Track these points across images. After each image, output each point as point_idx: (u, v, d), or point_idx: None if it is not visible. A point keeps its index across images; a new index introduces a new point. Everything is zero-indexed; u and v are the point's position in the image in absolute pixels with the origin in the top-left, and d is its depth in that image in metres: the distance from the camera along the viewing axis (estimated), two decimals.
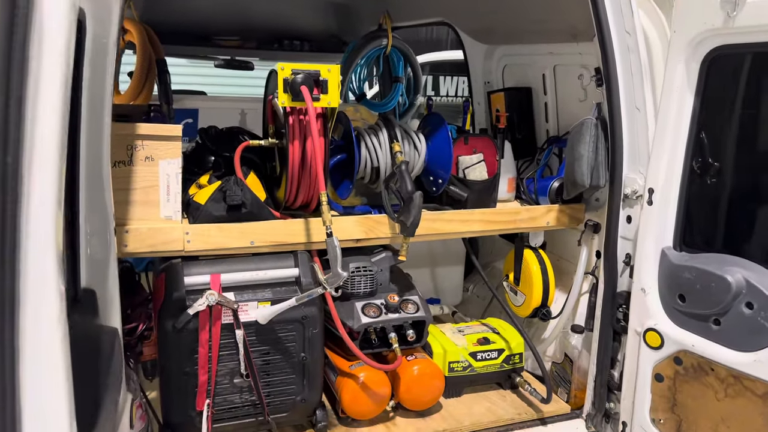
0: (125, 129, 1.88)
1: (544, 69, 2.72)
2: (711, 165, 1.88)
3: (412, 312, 2.22)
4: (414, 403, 2.25)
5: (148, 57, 3.07)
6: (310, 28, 4.41)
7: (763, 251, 1.81)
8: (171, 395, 1.96)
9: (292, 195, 2.08)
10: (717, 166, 1.87)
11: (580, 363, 2.38)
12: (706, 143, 1.88)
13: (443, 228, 2.28)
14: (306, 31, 4.43)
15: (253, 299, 1.98)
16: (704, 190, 1.93)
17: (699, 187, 1.93)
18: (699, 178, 1.93)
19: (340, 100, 3.52)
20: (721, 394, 1.83)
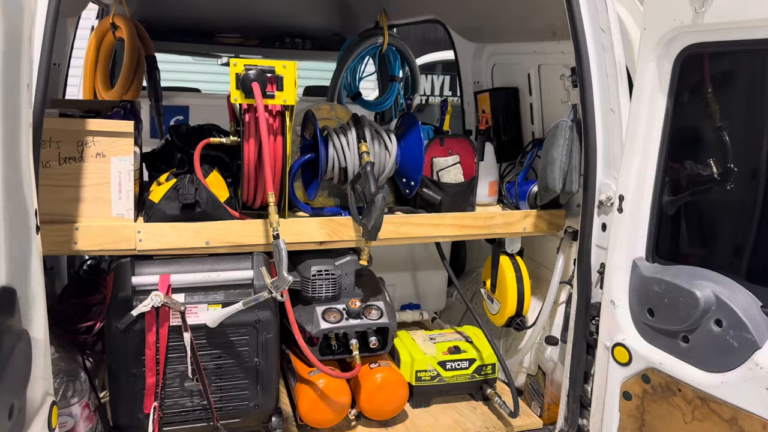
0: (75, 124, 1.86)
1: (529, 68, 2.61)
2: (684, 171, 1.77)
3: (374, 318, 2.15)
4: (376, 412, 2.18)
5: (136, 53, 3.06)
6: (311, 25, 4.37)
7: (737, 264, 1.69)
8: (119, 397, 1.92)
9: (251, 195, 2.03)
10: (690, 172, 1.75)
11: (554, 376, 2.28)
12: (679, 148, 1.76)
13: (412, 232, 2.21)
14: (308, 28, 4.40)
15: (203, 301, 1.93)
16: (677, 198, 1.82)
17: (672, 195, 1.82)
18: (672, 185, 1.81)
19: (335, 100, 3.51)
20: (688, 417, 1.71)
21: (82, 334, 2.12)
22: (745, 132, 1.75)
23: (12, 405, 1.17)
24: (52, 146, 1.84)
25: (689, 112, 1.80)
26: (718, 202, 1.80)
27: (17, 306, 1.37)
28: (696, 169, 1.80)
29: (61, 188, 1.85)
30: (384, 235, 2.10)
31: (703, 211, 1.86)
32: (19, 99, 1.32)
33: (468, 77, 3.11)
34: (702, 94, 1.76)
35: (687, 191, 1.85)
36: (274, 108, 1.93)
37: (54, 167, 1.84)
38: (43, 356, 1.45)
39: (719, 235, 1.82)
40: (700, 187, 1.80)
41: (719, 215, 1.83)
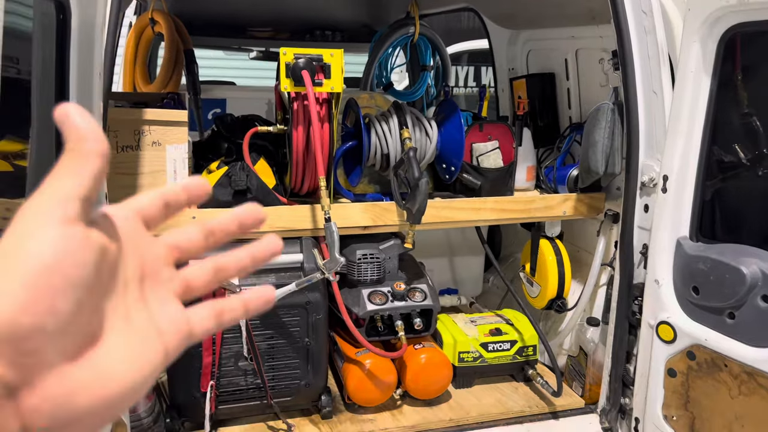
0: (132, 114, 1.93)
1: (566, 54, 2.63)
2: (728, 151, 1.78)
3: (419, 300, 2.20)
4: (421, 391, 2.23)
5: (175, 47, 3.14)
6: (341, 17, 4.42)
7: None
8: (176, 376, 2.00)
9: (298, 181, 2.09)
10: (734, 152, 1.77)
11: (595, 357, 2.31)
12: (723, 128, 1.78)
13: (453, 216, 2.25)
14: (337, 20, 4.44)
15: (256, 284, 1.99)
16: (722, 177, 1.84)
17: (716, 174, 1.84)
18: (716, 165, 1.83)
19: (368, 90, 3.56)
20: (735, 392, 1.74)
21: None
22: None
23: None
24: (110, 135, 1.91)
25: (733, 92, 1.81)
26: (761, 181, 1.82)
27: None
28: (740, 149, 1.82)
29: (119, 176, 1.93)
30: (427, 219, 2.14)
31: (747, 189, 1.88)
32: (92, 87, 1.39)
33: (502, 64, 3.14)
34: (747, 74, 1.77)
35: (730, 171, 1.87)
36: (321, 95, 1.98)
37: (112, 155, 1.90)
38: None
39: (764, 215, 1.84)
40: (744, 167, 1.82)
41: (763, 193, 1.85)
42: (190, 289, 0.53)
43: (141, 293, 0.48)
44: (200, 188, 0.54)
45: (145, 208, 0.52)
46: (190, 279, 0.53)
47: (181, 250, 0.53)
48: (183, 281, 0.52)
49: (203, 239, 0.54)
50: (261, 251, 0.56)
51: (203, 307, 0.53)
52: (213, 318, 0.53)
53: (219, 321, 0.53)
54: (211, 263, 0.54)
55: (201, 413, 1.96)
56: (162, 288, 0.50)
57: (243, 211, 0.55)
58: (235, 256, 0.55)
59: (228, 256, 0.55)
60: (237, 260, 0.55)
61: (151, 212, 0.52)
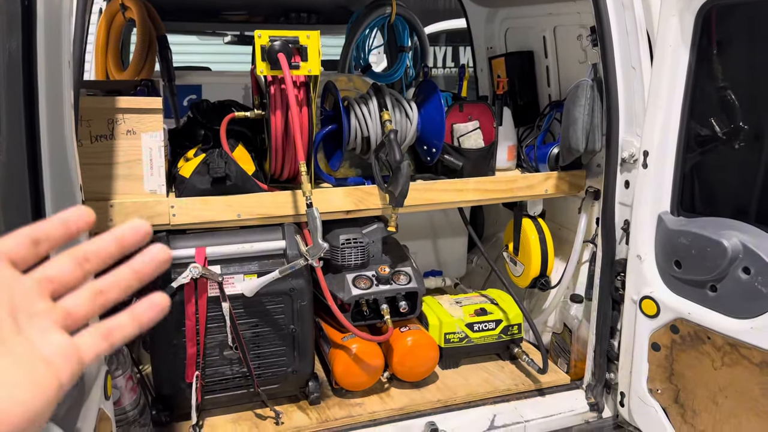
0: (105, 102, 1.88)
1: (545, 31, 2.62)
2: (707, 125, 1.79)
3: (404, 283, 2.20)
4: (408, 374, 2.24)
5: (148, 33, 3.07)
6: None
7: (763, 214, 1.72)
8: (161, 367, 1.98)
9: (278, 167, 2.06)
10: (713, 126, 1.78)
11: (579, 333, 2.33)
12: (702, 102, 1.79)
13: (436, 198, 2.24)
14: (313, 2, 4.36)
15: (239, 272, 1.97)
16: (701, 152, 1.85)
17: (696, 149, 1.85)
18: (695, 139, 1.84)
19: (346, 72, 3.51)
20: (718, 363, 1.77)
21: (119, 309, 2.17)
22: (765, 85, 1.77)
23: None
24: (83, 125, 1.86)
25: (712, 66, 1.81)
26: (741, 154, 1.83)
27: None
28: (719, 123, 1.82)
29: (94, 166, 1.88)
30: (409, 201, 2.13)
31: (727, 163, 1.89)
32: (61, 77, 1.34)
33: (480, 43, 3.11)
34: (724, 48, 1.78)
35: (710, 145, 1.87)
36: (298, 79, 1.95)
37: (86, 146, 1.87)
38: None
39: (744, 187, 1.85)
40: (723, 140, 1.82)
41: (743, 166, 1.86)
42: (71, 317, 0.53)
43: (16, 327, 0.49)
44: (82, 219, 0.55)
45: (10, 251, 0.52)
46: (69, 307, 0.53)
47: (54, 282, 0.53)
48: (62, 311, 0.53)
49: (78, 267, 0.54)
50: (145, 266, 0.56)
51: (89, 331, 0.53)
52: (102, 340, 0.53)
53: (110, 341, 0.54)
54: (89, 289, 0.54)
55: (187, 403, 1.94)
56: (39, 320, 0.51)
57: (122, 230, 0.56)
58: (116, 276, 0.55)
59: (108, 278, 0.55)
60: (118, 280, 0.55)
61: (19, 253, 0.53)
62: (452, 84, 3.22)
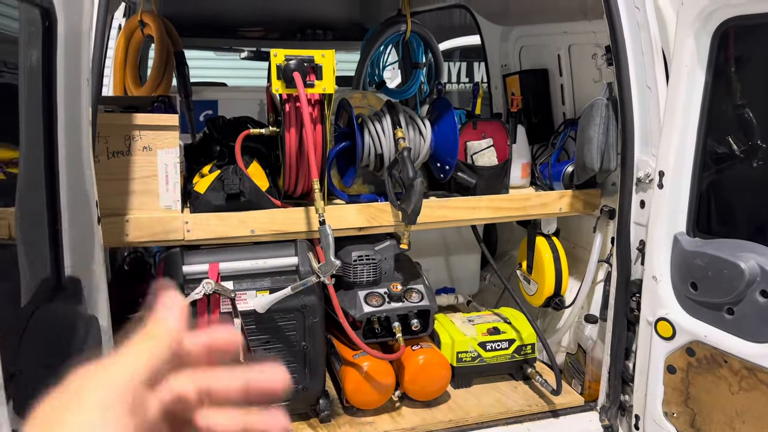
0: (122, 119, 1.91)
1: (559, 49, 2.62)
2: (724, 145, 1.78)
3: (416, 301, 2.19)
4: (419, 393, 2.22)
5: (166, 49, 3.11)
6: (332, 16, 4.39)
7: None
8: None
9: (292, 183, 2.07)
10: (730, 147, 1.76)
11: (594, 354, 2.30)
12: (719, 122, 1.77)
13: (449, 215, 2.23)
14: (328, 19, 4.41)
15: (251, 288, 1.97)
16: (718, 172, 1.83)
17: (713, 169, 1.83)
18: (712, 160, 1.82)
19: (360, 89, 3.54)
20: (735, 387, 1.73)
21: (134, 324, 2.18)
22: None
23: None
24: (101, 141, 1.88)
25: (728, 86, 1.80)
26: (757, 175, 1.81)
27: (83, 294, 1.43)
28: (735, 144, 1.81)
29: (111, 182, 1.90)
30: (422, 219, 2.13)
31: (744, 184, 1.87)
32: (80, 94, 1.36)
33: (495, 60, 3.12)
34: (741, 68, 1.76)
35: (727, 165, 1.86)
36: (313, 97, 1.96)
37: (103, 162, 1.89)
38: (108, 342, 1.51)
39: (762, 207, 1.83)
40: (740, 161, 1.81)
41: (760, 188, 1.84)
42: None
43: None
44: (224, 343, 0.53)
45: None
46: None
47: None
48: None
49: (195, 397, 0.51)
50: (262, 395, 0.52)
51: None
52: None
53: None
54: None
55: None
56: None
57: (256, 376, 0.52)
58: None
59: None
60: None
61: None
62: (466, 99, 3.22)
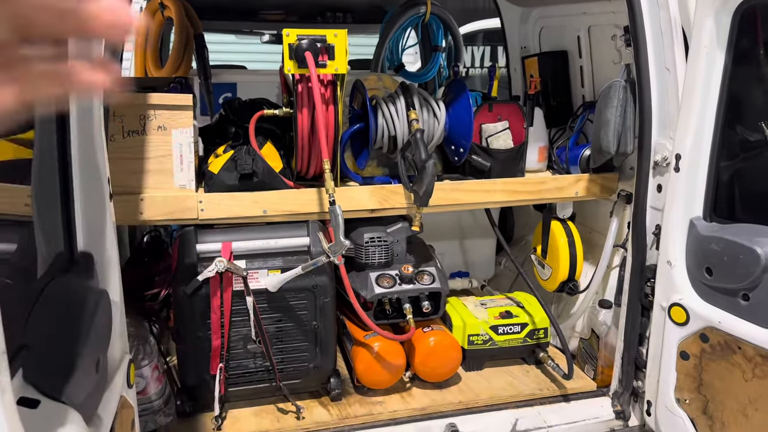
0: (138, 99, 1.93)
1: (579, 30, 2.57)
2: (742, 129, 1.73)
3: (427, 283, 2.19)
4: (430, 374, 2.23)
5: (185, 32, 3.13)
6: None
7: None
8: (186, 359, 2.02)
9: (305, 164, 2.08)
10: (749, 130, 1.72)
11: (607, 339, 2.28)
12: (738, 105, 1.73)
13: (462, 198, 2.22)
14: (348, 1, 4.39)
15: (263, 267, 2.00)
16: (736, 156, 1.79)
17: (729, 153, 1.79)
18: (729, 144, 1.78)
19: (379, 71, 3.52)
20: (749, 375, 1.70)
21: (148, 301, 2.22)
22: None
23: (98, 359, 1.25)
24: (116, 120, 1.92)
25: (748, 68, 1.75)
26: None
27: (95, 269, 1.46)
28: (754, 127, 1.76)
29: (126, 161, 1.93)
30: (435, 201, 2.12)
31: (761, 168, 1.82)
32: None
33: (514, 43, 3.08)
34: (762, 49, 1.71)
35: (745, 149, 1.81)
36: (325, 77, 1.96)
37: (118, 141, 1.92)
38: (120, 317, 1.54)
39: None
40: (759, 145, 1.76)
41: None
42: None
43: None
44: None
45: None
46: None
47: None
48: None
49: None
50: None
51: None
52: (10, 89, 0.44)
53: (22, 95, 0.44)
54: None
55: (211, 395, 1.98)
56: None
57: None
58: None
59: None
60: None
61: None
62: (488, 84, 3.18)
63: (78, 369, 1.15)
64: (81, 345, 1.18)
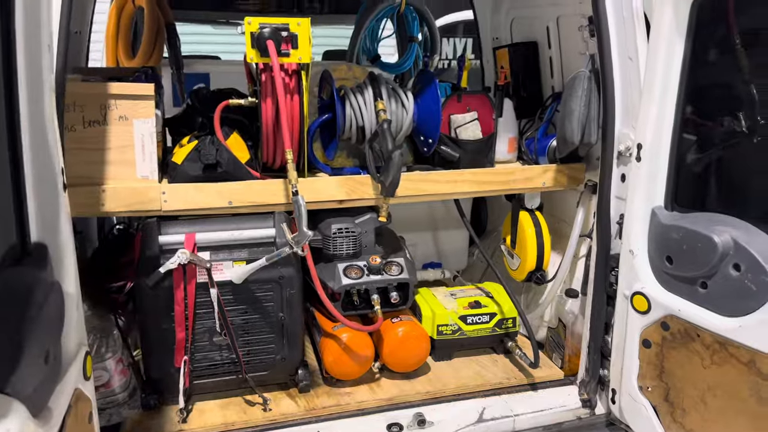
0: (97, 88, 1.90)
1: (548, 21, 2.57)
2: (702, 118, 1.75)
3: (395, 274, 2.19)
4: (398, 364, 2.23)
5: (156, 21, 3.10)
6: None
7: (756, 209, 1.68)
8: (150, 352, 2.01)
9: (270, 155, 2.06)
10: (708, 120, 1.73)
11: (574, 328, 2.30)
12: (697, 94, 1.74)
13: (430, 189, 2.22)
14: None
15: (228, 259, 1.98)
16: (696, 145, 1.80)
17: (691, 142, 1.80)
18: (691, 132, 1.79)
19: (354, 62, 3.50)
20: (707, 362, 1.73)
21: (114, 294, 2.20)
22: (763, 77, 1.72)
23: (47, 351, 1.23)
24: (77, 110, 1.89)
25: (707, 57, 1.77)
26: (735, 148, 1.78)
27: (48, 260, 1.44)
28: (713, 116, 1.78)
29: (87, 151, 1.91)
30: (402, 192, 2.12)
31: (721, 157, 1.84)
32: (41, 60, 1.35)
33: (487, 34, 3.08)
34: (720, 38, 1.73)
35: (704, 138, 1.83)
36: (289, 66, 1.94)
37: (79, 131, 1.90)
38: (76, 309, 1.52)
39: (737, 181, 1.80)
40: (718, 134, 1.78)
41: (737, 161, 1.81)
42: None
43: None
44: None
45: None
46: None
47: None
48: None
49: None
50: None
51: None
52: None
53: None
54: None
55: (175, 388, 1.97)
56: None
57: None
58: None
59: None
60: None
61: None
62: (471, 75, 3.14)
63: (24, 360, 1.13)
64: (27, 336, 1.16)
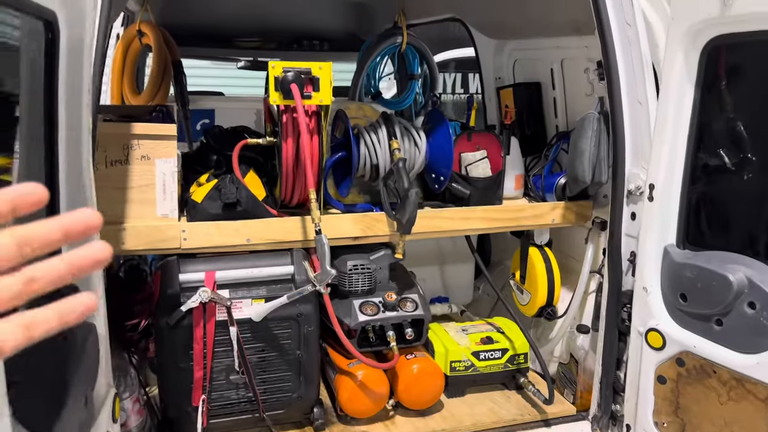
0: (121, 129, 1.93)
1: (552, 63, 2.66)
2: (712, 159, 1.81)
3: (410, 310, 2.21)
4: (413, 402, 2.24)
5: (164, 59, 3.14)
6: (328, 27, 4.44)
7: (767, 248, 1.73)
8: (168, 390, 1.99)
9: (288, 193, 2.09)
10: (719, 161, 1.80)
11: (586, 364, 2.32)
12: (708, 137, 1.81)
13: (443, 226, 2.26)
14: (325, 30, 4.46)
15: (247, 296, 1.99)
16: (707, 185, 1.86)
17: (702, 182, 1.86)
18: (702, 173, 1.86)
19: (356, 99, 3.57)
20: (724, 398, 1.76)
21: (128, 332, 2.19)
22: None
23: (86, 395, 1.24)
24: (99, 150, 1.90)
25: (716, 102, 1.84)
26: (745, 189, 1.84)
27: None
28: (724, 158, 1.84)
29: (109, 190, 1.92)
30: (417, 229, 2.15)
31: (732, 197, 1.90)
32: (81, 104, 1.38)
33: (489, 73, 3.16)
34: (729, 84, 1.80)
35: (716, 179, 1.89)
36: (310, 108, 1.99)
37: (101, 170, 1.91)
38: (105, 350, 1.52)
39: (749, 221, 1.86)
40: (728, 175, 1.84)
41: (748, 201, 1.87)
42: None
43: None
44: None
45: None
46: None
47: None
48: None
49: (16, 249, 0.51)
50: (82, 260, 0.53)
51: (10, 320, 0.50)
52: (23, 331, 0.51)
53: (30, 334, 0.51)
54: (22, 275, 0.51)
55: (193, 427, 1.95)
56: None
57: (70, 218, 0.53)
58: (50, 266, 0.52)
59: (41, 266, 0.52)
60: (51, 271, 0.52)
61: None
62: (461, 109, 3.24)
63: (67, 405, 1.13)
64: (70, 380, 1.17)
